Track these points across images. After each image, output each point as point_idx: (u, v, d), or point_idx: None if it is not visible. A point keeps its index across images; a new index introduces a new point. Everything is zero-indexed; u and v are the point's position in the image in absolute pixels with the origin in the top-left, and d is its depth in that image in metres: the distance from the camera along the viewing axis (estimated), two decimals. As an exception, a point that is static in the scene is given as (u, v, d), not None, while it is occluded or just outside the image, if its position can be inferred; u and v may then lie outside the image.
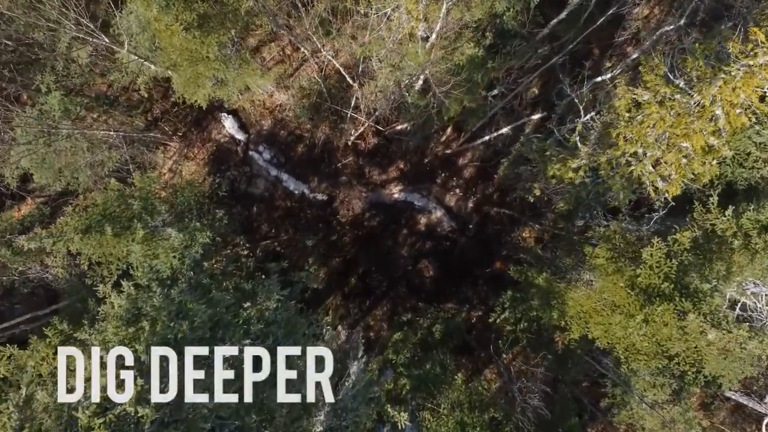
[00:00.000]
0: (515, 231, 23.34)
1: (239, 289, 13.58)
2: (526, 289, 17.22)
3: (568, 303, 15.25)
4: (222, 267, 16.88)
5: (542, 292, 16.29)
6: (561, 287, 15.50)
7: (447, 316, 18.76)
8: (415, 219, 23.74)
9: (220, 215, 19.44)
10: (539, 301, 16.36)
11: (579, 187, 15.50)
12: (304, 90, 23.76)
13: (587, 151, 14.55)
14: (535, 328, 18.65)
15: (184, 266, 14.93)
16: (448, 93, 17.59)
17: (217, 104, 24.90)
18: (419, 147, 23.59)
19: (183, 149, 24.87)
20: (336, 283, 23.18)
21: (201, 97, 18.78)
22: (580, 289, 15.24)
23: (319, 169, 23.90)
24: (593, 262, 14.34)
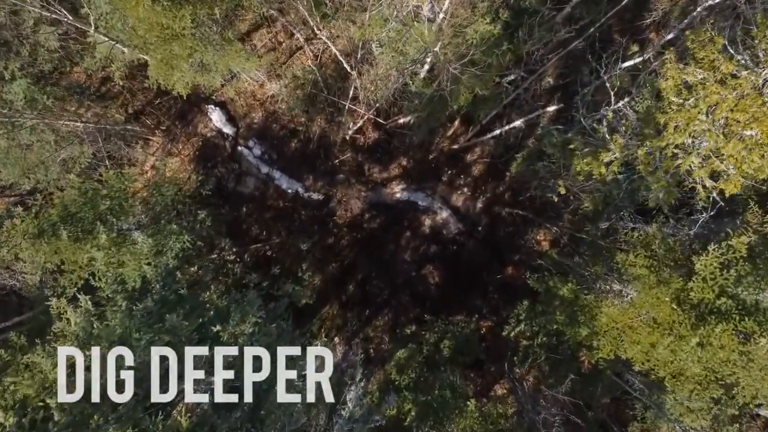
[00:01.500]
0: (529, 233, 21.34)
1: (213, 304, 11.53)
2: (547, 301, 15.20)
3: (598, 318, 13.23)
4: (205, 275, 14.78)
5: (567, 305, 14.27)
6: (589, 300, 13.47)
7: (457, 330, 16.75)
8: (419, 220, 21.77)
9: (202, 216, 17.47)
10: (563, 314, 14.33)
11: (610, 185, 13.49)
12: (298, 79, 21.78)
13: (621, 142, 12.52)
14: (555, 343, 16.63)
15: (156, 276, 12.91)
16: (459, 78, 15.59)
17: (203, 96, 22.96)
18: (423, 142, 21.63)
19: (166, 144, 22.86)
20: (333, 291, 21.18)
21: (180, 83, 16.77)
22: (611, 302, 13.21)
23: (315, 166, 21.95)
24: (629, 271, 12.31)
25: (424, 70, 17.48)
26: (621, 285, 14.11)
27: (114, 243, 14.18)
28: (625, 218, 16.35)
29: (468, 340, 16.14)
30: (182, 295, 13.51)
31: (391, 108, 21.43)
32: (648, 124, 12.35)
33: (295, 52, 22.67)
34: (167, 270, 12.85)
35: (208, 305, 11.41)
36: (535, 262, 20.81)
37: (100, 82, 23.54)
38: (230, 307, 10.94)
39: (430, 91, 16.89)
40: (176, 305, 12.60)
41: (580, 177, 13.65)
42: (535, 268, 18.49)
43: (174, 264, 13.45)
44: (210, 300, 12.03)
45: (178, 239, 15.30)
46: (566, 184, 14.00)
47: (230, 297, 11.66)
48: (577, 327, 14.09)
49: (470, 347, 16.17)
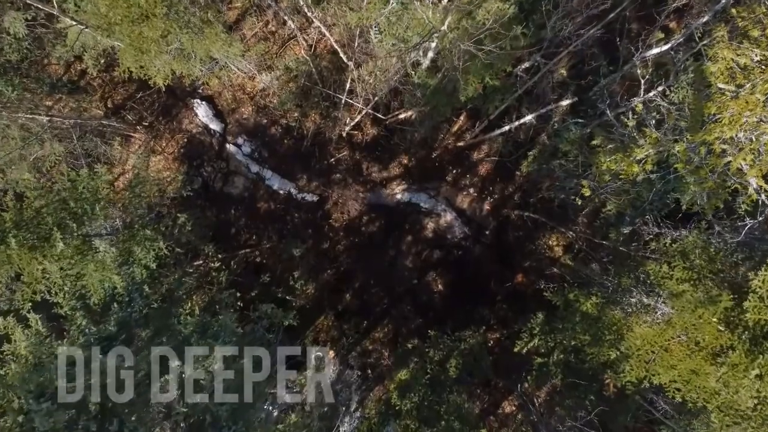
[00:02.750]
0: (540, 238, 19.74)
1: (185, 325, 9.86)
2: (567, 317, 13.56)
3: (627, 338, 11.58)
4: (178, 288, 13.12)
5: (590, 322, 12.63)
6: (617, 317, 11.83)
7: (465, 347, 15.12)
8: (422, 224, 20.23)
9: (182, 220, 15.83)
10: (585, 332, 12.69)
11: (641, 186, 11.85)
12: (291, 71, 20.16)
13: (656, 137, 10.87)
14: (573, 360, 14.99)
15: (121, 290, 11.27)
16: (466, 65, 13.95)
17: (189, 89, 21.36)
18: (426, 139, 20.07)
19: (149, 141, 21.23)
20: (328, 300, 19.56)
21: (157, 73, 15.12)
22: (642, 319, 11.57)
23: (309, 165, 20.41)
24: (666, 285, 10.67)
25: (428, 59, 15.85)
26: (652, 299, 12.48)
27: (78, 251, 12.55)
28: (650, 223, 14.72)
29: (477, 360, 14.50)
30: (148, 314, 11.88)
31: (392, 102, 19.89)
32: (689, 115, 10.71)
33: (288, 42, 21.06)
34: (134, 283, 11.19)
35: (179, 325, 9.74)
36: (549, 269, 19.21)
37: (79, 74, 21.96)
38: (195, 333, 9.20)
39: (434, 81, 15.26)
40: (141, 326, 10.97)
41: (605, 177, 12.00)
42: (550, 277, 16.87)
43: (144, 275, 11.79)
44: (183, 320, 10.37)
45: (152, 246, 13.66)
46: (591, 185, 12.35)
47: (194, 321, 9.90)
48: (602, 347, 12.44)
49: (480, 368, 14.54)
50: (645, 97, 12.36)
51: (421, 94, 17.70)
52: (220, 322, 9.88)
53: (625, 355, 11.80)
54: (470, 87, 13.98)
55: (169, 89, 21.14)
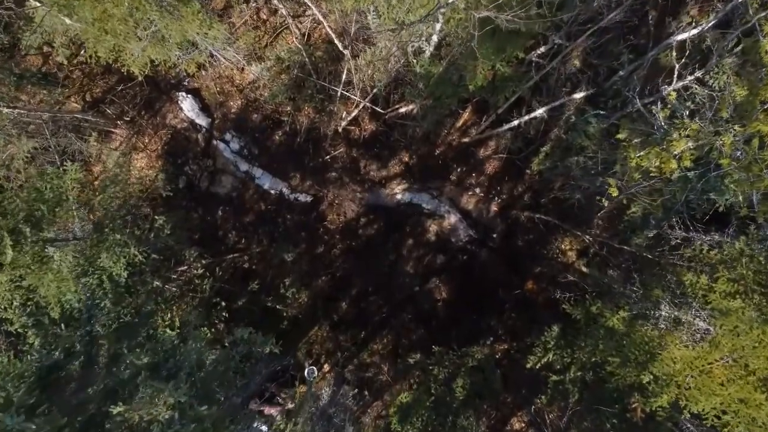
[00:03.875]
0: (552, 242, 18.25)
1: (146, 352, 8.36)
2: (589, 332, 12.08)
3: (661, 359, 10.11)
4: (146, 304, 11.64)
5: (617, 339, 11.15)
6: (651, 335, 10.36)
7: (472, 366, 13.65)
8: (424, 226, 18.82)
9: (160, 222, 14.36)
10: (609, 349, 11.23)
11: (676, 184, 10.39)
12: (283, 62, 18.72)
13: (696, 128, 9.41)
14: (593, 378, 13.52)
15: (76, 303, 9.78)
16: (474, 51, 12.48)
17: (173, 81, 19.88)
18: (429, 134, 18.65)
19: (131, 137, 19.74)
20: (322, 309, 18.09)
21: (133, 61, 13.71)
22: (678, 337, 10.10)
23: (302, 163, 18.99)
24: (710, 300, 9.20)
25: (432, 45, 14.38)
26: (683, 312, 11.01)
27: (37, 259, 11.08)
28: (676, 227, 13.26)
29: (487, 379, 13.03)
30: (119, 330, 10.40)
31: (391, 95, 18.49)
32: (733, 103, 9.23)
33: (280, 31, 19.57)
34: (94, 297, 9.70)
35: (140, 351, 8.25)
36: (562, 276, 17.74)
37: (57, 66, 20.47)
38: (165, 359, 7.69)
39: (438, 70, 13.79)
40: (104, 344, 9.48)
41: (635, 175, 10.53)
42: (566, 286, 15.39)
43: (107, 287, 10.30)
44: (135, 355, 8.83)
45: (122, 253, 12.19)
46: (619, 184, 10.87)
47: (147, 346, 8.37)
48: (629, 367, 10.96)
49: (490, 388, 13.07)
50: (679, 85, 10.90)
51: (423, 85, 16.24)
52: (183, 350, 8.37)
53: (659, 378, 10.32)
54: (479, 75, 12.51)
55: (152, 81, 19.78)
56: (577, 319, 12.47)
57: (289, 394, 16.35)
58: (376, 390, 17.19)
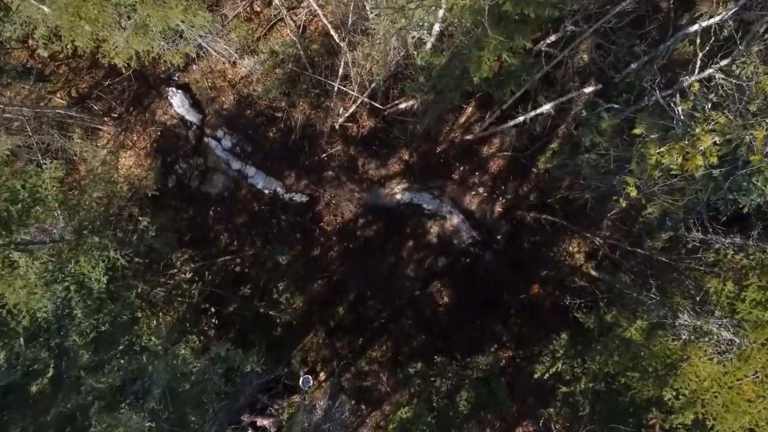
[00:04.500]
0: (559, 244, 17.44)
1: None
2: (603, 342, 11.24)
3: (684, 373, 9.27)
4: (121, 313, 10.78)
5: (635, 350, 10.32)
6: (672, 347, 9.52)
7: (477, 377, 12.81)
8: (425, 227, 18.08)
9: (144, 224, 13.53)
10: (626, 361, 10.39)
11: (700, 183, 9.55)
12: (277, 56, 17.91)
13: (724, 121, 8.57)
14: (605, 390, 12.69)
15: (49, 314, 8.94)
16: (479, 40, 11.65)
17: (163, 76, 19.06)
18: (430, 131, 17.89)
19: (118, 135, 18.92)
20: (318, 315, 17.30)
21: (116, 53, 12.89)
22: (702, 349, 9.26)
23: (297, 162, 18.25)
24: (738, 309, 8.37)
25: (433, 36, 13.53)
26: (703, 320, 10.18)
27: (7, 263, 10.25)
28: (693, 228, 12.42)
29: (493, 392, 12.19)
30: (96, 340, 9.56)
31: (391, 89, 17.69)
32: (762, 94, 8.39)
33: (275, 23, 18.76)
34: (63, 306, 8.86)
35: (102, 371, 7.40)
36: (569, 279, 16.94)
37: (44, 61, 19.66)
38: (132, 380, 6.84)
39: (440, 61, 12.95)
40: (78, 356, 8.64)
41: (655, 173, 9.69)
42: (576, 292, 14.56)
43: (78, 295, 9.47)
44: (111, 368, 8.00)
45: (101, 256, 11.35)
46: (637, 183, 10.02)
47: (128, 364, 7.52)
48: (647, 380, 10.13)
49: (496, 401, 12.22)
50: (701, 75, 10.06)
51: (424, 78, 15.40)
52: (155, 369, 7.52)
53: (681, 393, 9.48)
54: (484, 66, 11.66)
55: (141, 76, 18.99)
56: (590, 328, 11.62)
57: (282, 405, 15.52)
58: (374, 400, 16.36)
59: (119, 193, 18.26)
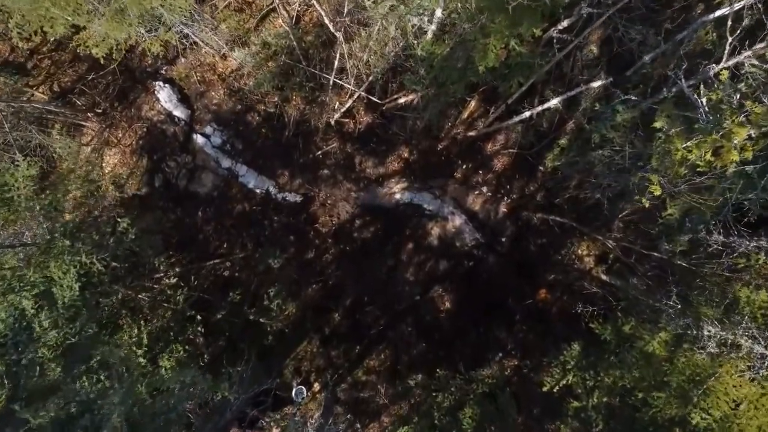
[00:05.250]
0: (567, 246, 16.49)
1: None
2: (621, 355, 10.29)
3: (714, 392, 8.32)
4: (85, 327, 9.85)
5: (656, 365, 9.37)
6: (701, 362, 8.57)
7: (482, 392, 11.87)
8: (425, 229, 17.13)
9: (124, 225, 12.58)
10: (647, 377, 9.44)
11: (732, 180, 8.60)
12: (269, 48, 16.96)
13: (760, 112, 7.62)
14: (620, 404, 11.74)
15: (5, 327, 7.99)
16: (485, 27, 10.71)
17: (149, 70, 18.12)
18: (431, 127, 16.96)
19: (103, 131, 17.98)
20: (312, 322, 16.35)
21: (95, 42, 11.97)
22: (733, 365, 8.31)
23: (291, 159, 17.34)
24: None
25: (435, 23, 12.59)
26: (730, 331, 9.25)
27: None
28: (714, 231, 11.47)
29: (500, 409, 11.24)
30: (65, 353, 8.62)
31: (390, 83, 16.78)
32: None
33: (267, 13, 17.81)
34: (21, 318, 7.91)
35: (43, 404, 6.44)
36: (579, 284, 15.99)
37: (27, 55, 18.76)
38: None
39: (442, 50, 12.00)
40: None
41: (680, 170, 8.75)
42: (589, 299, 13.61)
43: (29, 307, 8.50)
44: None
45: (72, 261, 10.41)
46: (661, 181, 9.07)
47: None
48: (672, 399, 9.18)
49: (504, 420, 11.27)
50: (730, 62, 9.12)
51: (425, 71, 14.46)
52: (111, 398, 6.55)
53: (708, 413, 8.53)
54: (490, 54, 10.71)
55: (127, 69, 18.10)
56: (606, 340, 10.66)
57: (274, 418, 14.57)
58: (372, 412, 15.41)
59: (103, 193, 17.47)
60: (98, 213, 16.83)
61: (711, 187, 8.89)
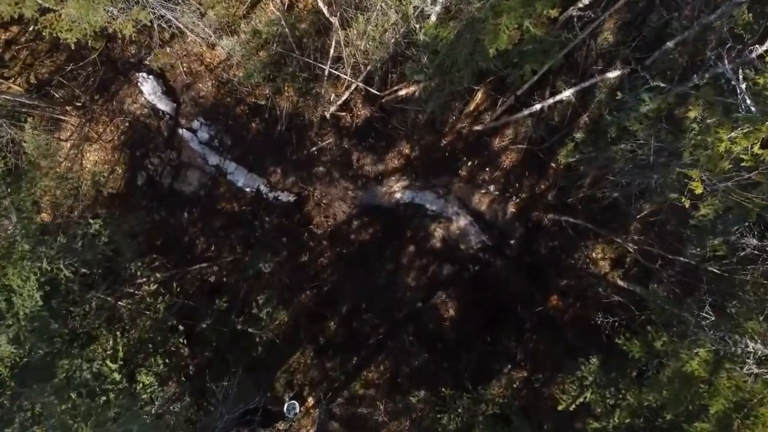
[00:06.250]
0: (581, 249, 15.42)
1: None
2: (652, 376, 9.12)
3: (763, 421, 7.16)
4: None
5: (691, 386, 8.20)
6: (747, 386, 7.41)
7: (493, 413, 10.74)
8: (428, 230, 16.20)
9: (96, 227, 11.46)
10: (682, 402, 8.28)
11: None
12: (260, 36, 15.85)
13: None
14: (643, 426, 10.61)
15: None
16: (496, 6, 9.56)
17: (133, 60, 17.03)
18: (434, 121, 16.09)
19: (83, 126, 16.87)
20: (306, 331, 15.30)
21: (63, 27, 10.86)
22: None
23: (284, 156, 16.38)
24: None
25: (438, 4, 11.43)
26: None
27: None
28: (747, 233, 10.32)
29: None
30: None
31: (389, 74, 15.82)
32: None
33: (259, 1, 16.66)
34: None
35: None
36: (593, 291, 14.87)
37: (4, 45, 17.67)
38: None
39: (447, 33, 10.83)
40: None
41: (723, 165, 7.59)
42: (607, 308, 12.48)
43: None
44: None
45: (32, 268, 9.28)
46: (702, 178, 7.91)
47: None
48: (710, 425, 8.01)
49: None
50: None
51: (428, 59, 13.33)
52: None
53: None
54: (502, 36, 9.56)
55: (108, 59, 17.02)
56: (635, 357, 9.50)
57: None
58: (370, 429, 14.27)
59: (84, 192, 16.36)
60: (78, 213, 15.76)
61: (757, 183, 7.72)
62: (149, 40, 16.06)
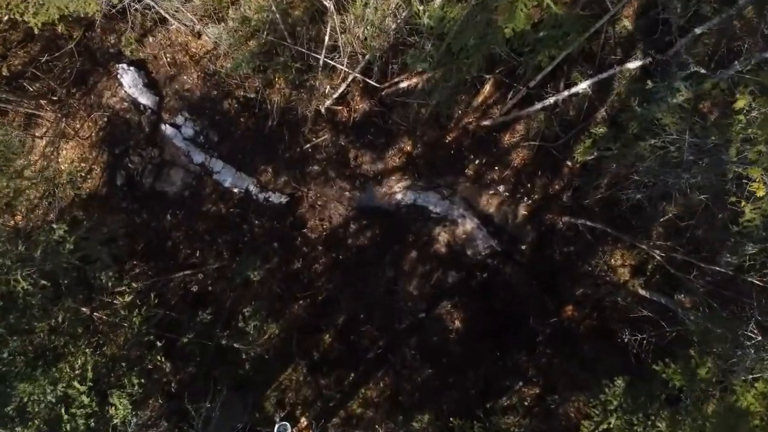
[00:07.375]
0: (598, 256, 14.29)
1: None
2: (694, 405, 7.89)
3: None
4: None
5: (743, 422, 6.97)
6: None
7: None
8: (431, 235, 15.09)
9: (60, 233, 10.26)
10: None
11: None
12: (249, 23, 14.70)
13: None
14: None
15: None
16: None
17: (113, 51, 15.86)
18: (438, 115, 15.08)
19: (59, 122, 15.71)
20: (299, 344, 14.18)
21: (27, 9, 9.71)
22: None
23: (275, 154, 15.29)
24: None
25: (445, -16, 10.21)
26: None
27: None
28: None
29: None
30: None
31: (390, 64, 14.84)
32: None
33: (248, -14, 15.45)
34: None
35: None
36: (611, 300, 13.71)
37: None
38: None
39: (455, 14, 9.61)
40: None
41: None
42: (634, 323, 11.26)
43: None
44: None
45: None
46: (764, 178, 6.68)
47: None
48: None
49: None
50: None
51: (433, 45, 12.16)
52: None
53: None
54: (519, 14, 8.34)
55: (86, 50, 15.87)
56: (674, 386, 8.27)
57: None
58: (369, 453, 13.12)
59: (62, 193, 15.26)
60: (54, 216, 14.61)
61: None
62: (130, 29, 14.88)
